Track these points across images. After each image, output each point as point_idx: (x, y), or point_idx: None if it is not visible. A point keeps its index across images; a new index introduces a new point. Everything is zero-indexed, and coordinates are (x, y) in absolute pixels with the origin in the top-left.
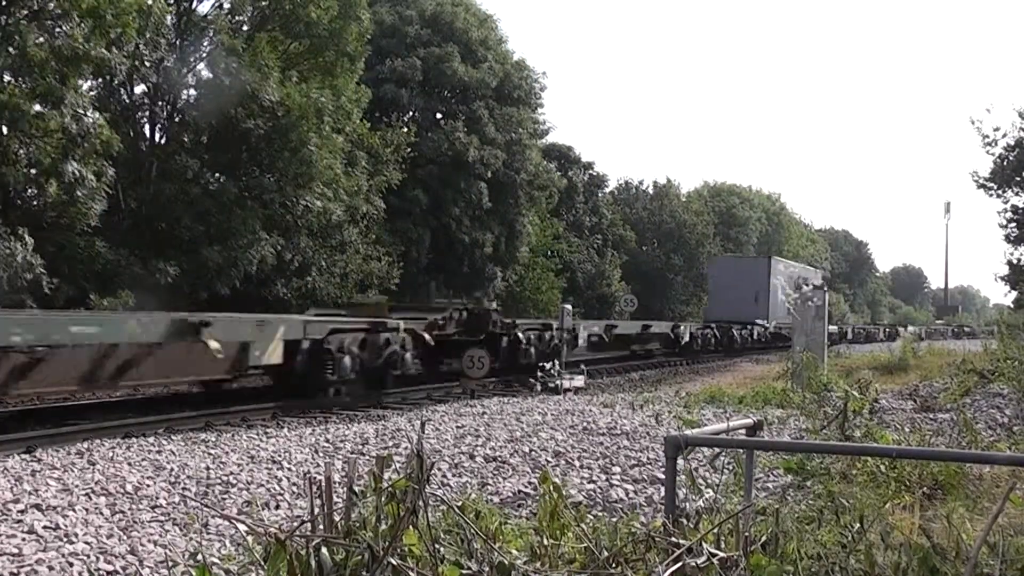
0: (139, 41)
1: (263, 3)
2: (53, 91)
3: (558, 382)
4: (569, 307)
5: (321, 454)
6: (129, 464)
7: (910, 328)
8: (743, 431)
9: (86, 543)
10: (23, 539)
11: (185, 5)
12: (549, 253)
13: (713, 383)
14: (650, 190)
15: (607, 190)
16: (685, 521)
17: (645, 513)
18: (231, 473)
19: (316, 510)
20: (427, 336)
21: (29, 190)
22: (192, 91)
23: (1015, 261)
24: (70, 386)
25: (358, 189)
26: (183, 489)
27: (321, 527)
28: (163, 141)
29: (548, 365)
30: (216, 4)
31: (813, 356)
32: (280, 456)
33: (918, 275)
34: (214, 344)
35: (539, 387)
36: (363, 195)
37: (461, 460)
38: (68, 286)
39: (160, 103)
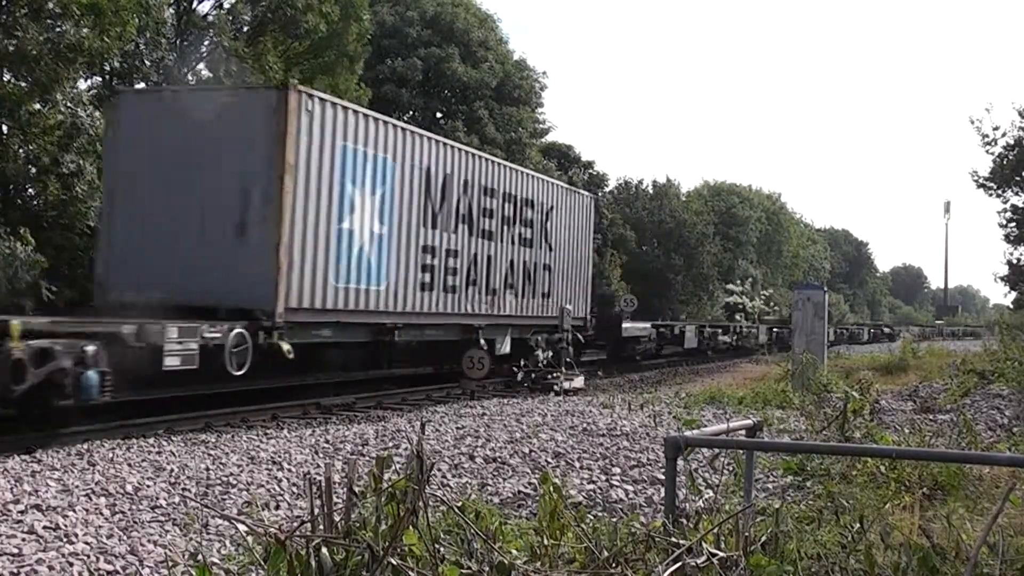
0: (139, 40)
1: (263, 4)
2: (49, 82)
3: (556, 383)
4: (569, 307)
5: (321, 455)
6: (129, 465)
7: (912, 328)
8: (743, 432)
9: (86, 543)
10: (23, 539)
11: (185, 4)
12: None
13: (713, 384)
14: (650, 189)
15: (607, 189)
16: (685, 521)
17: (645, 513)
18: (231, 474)
19: (316, 510)
20: None
21: (29, 189)
22: None
23: (1015, 261)
24: None
25: None
26: (183, 490)
27: (321, 527)
28: None
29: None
30: (216, 4)
31: (813, 357)
32: (280, 457)
33: (918, 275)
34: None
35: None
36: None
37: (461, 461)
38: (69, 290)
39: None
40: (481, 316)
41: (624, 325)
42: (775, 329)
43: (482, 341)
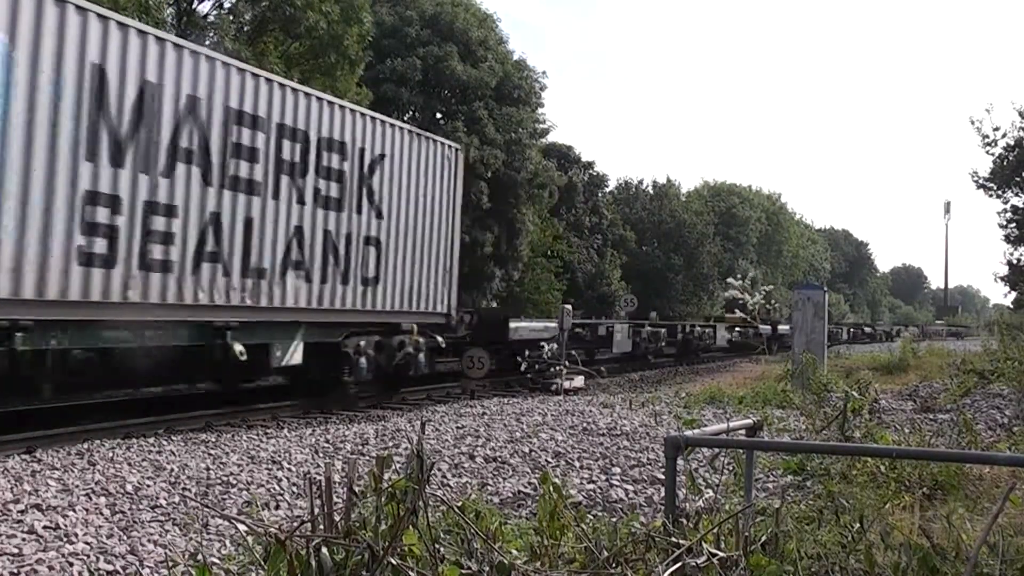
0: None
1: (263, 4)
2: None
3: (556, 382)
4: (569, 307)
5: (321, 454)
6: (129, 464)
7: (910, 328)
8: (743, 431)
9: (86, 543)
10: (23, 539)
11: (185, 5)
12: (550, 254)
13: (713, 383)
14: (650, 190)
15: (607, 190)
16: (685, 521)
17: (645, 513)
18: (231, 473)
19: (316, 510)
20: None
21: None
22: None
23: (1015, 261)
24: None
25: None
26: (183, 489)
27: (321, 527)
28: None
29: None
30: (216, 4)
31: (813, 357)
32: (280, 456)
33: (918, 275)
34: None
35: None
36: None
37: (461, 460)
38: None
39: None
40: (230, 309)
41: (513, 325)
42: (739, 329)
43: (237, 347)
